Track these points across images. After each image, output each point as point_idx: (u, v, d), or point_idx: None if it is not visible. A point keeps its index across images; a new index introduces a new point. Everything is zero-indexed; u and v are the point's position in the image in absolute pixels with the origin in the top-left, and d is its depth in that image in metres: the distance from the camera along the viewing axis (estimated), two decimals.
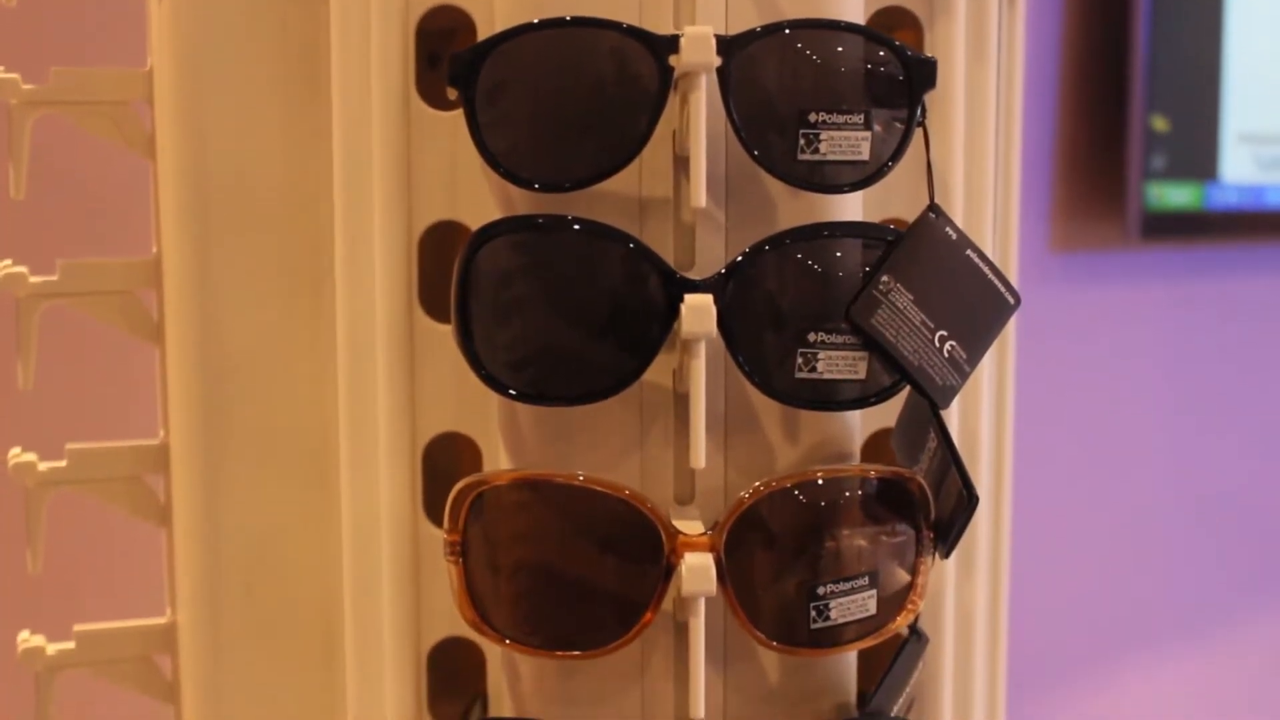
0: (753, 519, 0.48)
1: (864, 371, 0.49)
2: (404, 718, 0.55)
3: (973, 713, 0.58)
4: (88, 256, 0.60)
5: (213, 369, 0.57)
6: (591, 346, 0.48)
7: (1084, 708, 1.54)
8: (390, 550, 0.55)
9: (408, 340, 0.54)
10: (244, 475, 0.57)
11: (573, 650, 0.49)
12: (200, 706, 0.59)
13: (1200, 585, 1.57)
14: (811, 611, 0.49)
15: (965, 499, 0.48)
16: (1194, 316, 1.52)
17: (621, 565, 0.49)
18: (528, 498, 0.49)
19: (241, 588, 0.58)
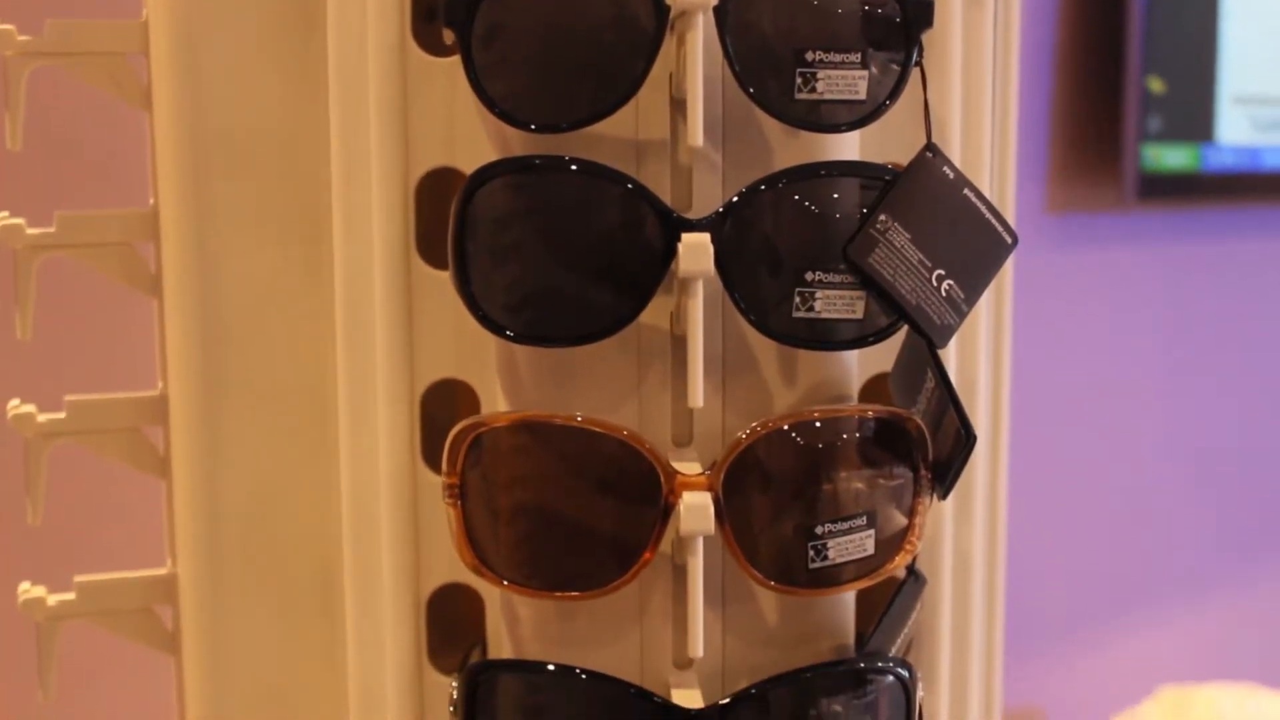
0: (750, 459, 0.48)
1: (861, 311, 0.49)
2: (404, 665, 0.56)
3: (970, 655, 0.58)
4: (85, 208, 0.60)
5: (211, 319, 0.57)
6: (589, 287, 0.48)
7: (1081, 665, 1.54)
8: (389, 497, 0.55)
9: (405, 287, 0.54)
10: (243, 424, 0.57)
11: (571, 591, 0.49)
12: (201, 656, 0.59)
13: (1198, 544, 1.57)
14: (809, 551, 0.49)
15: (963, 438, 0.48)
16: (1190, 278, 1.53)
17: (620, 506, 0.49)
18: (526, 439, 0.49)
19: (241, 537, 0.58)
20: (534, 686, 0.50)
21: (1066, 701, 1.48)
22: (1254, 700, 1.24)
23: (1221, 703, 1.23)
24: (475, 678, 0.50)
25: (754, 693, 0.50)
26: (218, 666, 0.59)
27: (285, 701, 0.58)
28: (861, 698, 0.51)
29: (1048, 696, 1.50)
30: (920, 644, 0.57)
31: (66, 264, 0.60)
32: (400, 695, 0.56)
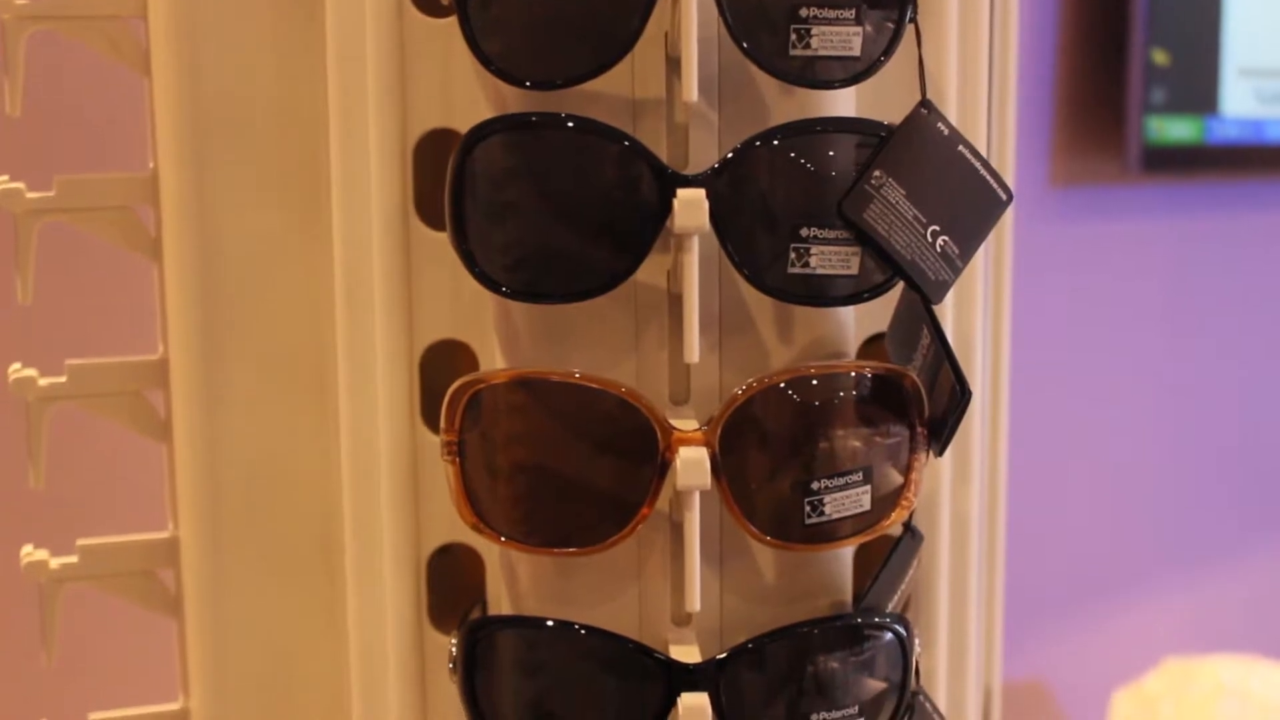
0: (747, 415, 0.49)
1: (856, 267, 0.49)
2: (404, 625, 0.56)
3: (968, 615, 0.59)
4: (85, 172, 0.60)
5: (210, 282, 0.57)
6: (585, 243, 0.48)
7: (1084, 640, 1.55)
8: (388, 458, 0.55)
9: (404, 248, 0.54)
10: (243, 387, 0.58)
11: (569, 548, 0.50)
12: (202, 618, 0.59)
13: (1200, 517, 1.57)
14: (806, 507, 0.49)
15: (958, 394, 0.48)
16: (1194, 251, 1.52)
17: (618, 462, 0.49)
18: (524, 396, 0.49)
19: (242, 499, 0.58)
20: (533, 642, 0.51)
21: (1070, 676, 1.48)
22: (1257, 672, 1.24)
23: (1224, 675, 1.23)
24: (474, 634, 0.50)
25: (751, 647, 0.50)
26: (219, 628, 0.59)
27: (286, 663, 0.59)
28: (858, 653, 0.51)
29: (1051, 671, 1.50)
30: (918, 603, 0.57)
31: (66, 228, 0.60)
32: (401, 655, 0.56)
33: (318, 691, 0.59)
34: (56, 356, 0.61)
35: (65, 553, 0.61)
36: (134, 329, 0.64)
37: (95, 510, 0.91)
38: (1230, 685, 1.22)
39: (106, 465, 0.91)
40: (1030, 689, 1.46)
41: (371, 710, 0.57)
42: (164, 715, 0.62)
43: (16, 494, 0.66)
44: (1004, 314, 0.60)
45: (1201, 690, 1.22)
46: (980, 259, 0.57)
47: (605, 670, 0.50)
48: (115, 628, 0.86)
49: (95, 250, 0.63)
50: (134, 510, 0.66)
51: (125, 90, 0.64)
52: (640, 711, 0.50)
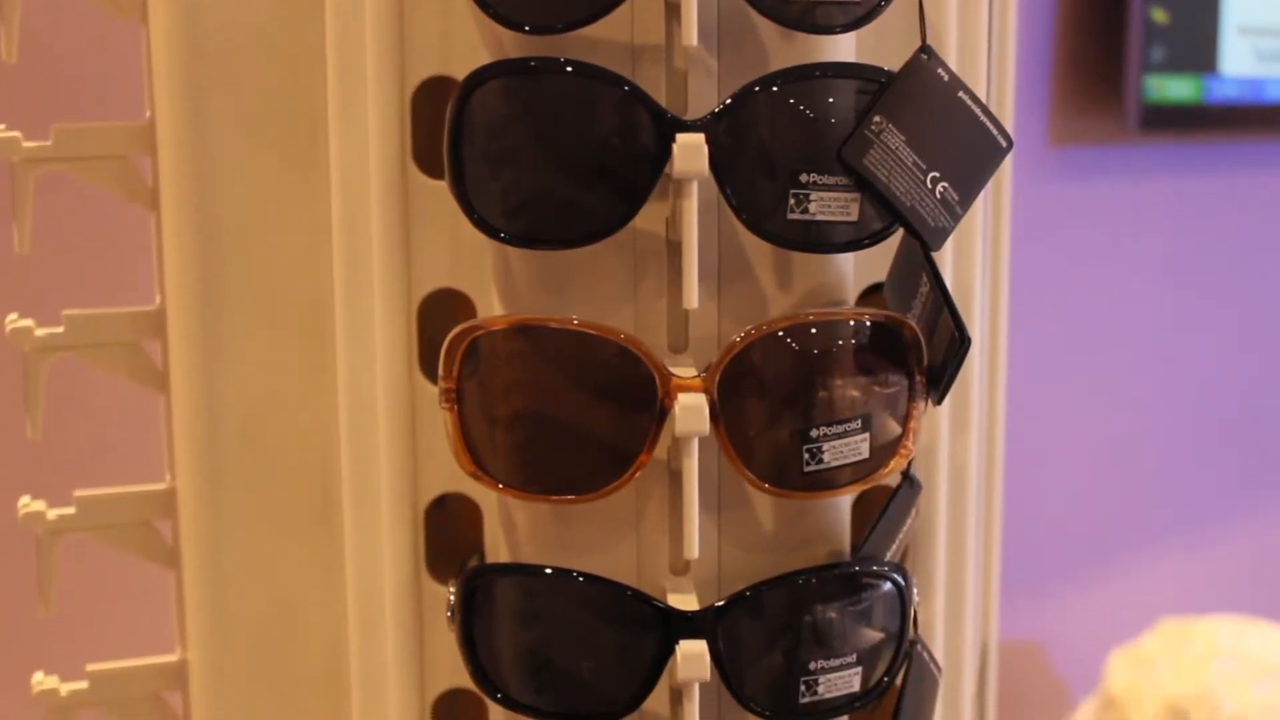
0: (745, 361, 0.49)
1: (856, 213, 0.49)
2: (402, 575, 0.56)
3: (966, 566, 0.59)
4: (82, 121, 0.60)
5: (208, 231, 0.57)
6: (584, 189, 0.48)
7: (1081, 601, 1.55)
8: (386, 408, 0.55)
9: (402, 197, 0.54)
10: (241, 337, 0.57)
11: (568, 494, 0.49)
12: (200, 569, 0.59)
13: (1198, 479, 1.57)
14: (805, 454, 0.49)
15: (957, 342, 0.48)
16: (1192, 210, 1.52)
17: (616, 408, 0.49)
18: (522, 342, 0.49)
19: (240, 449, 0.58)
20: (531, 590, 0.51)
21: (1066, 637, 1.48)
22: (1252, 632, 1.25)
23: (1220, 635, 1.23)
24: (473, 582, 0.50)
25: (748, 595, 0.50)
26: (217, 579, 0.59)
27: (285, 612, 0.59)
28: (856, 602, 0.51)
29: (1047, 632, 1.50)
30: (916, 553, 0.57)
31: (63, 178, 0.60)
32: (398, 604, 0.56)
33: (315, 641, 0.59)
34: (53, 307, 0.61)
35: (63, 504, 0.61)
36: (132, 279, 0.64)
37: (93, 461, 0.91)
38: (1226, 646, 1.23)
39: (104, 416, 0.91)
40: (1027, 650, 1.46)
41: (369, 660, 0.57)
42: (162, 667, 0.62)
43: (14, 445, 0.66)
44: (1002, 271, 0.60)
45: (1197, 650, 1.22)
46: (979, 210, 0.57)
47: (603, 618, 0.50)
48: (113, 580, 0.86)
49: (92, 200, 0.63)
50: (132, 461, 0.66)
51: (122, 38, 0.63)
52: (638, 659, 0.50)
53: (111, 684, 0.62)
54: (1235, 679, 1.20)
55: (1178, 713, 1.18)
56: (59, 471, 0.67)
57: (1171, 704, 1.19)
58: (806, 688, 0.50)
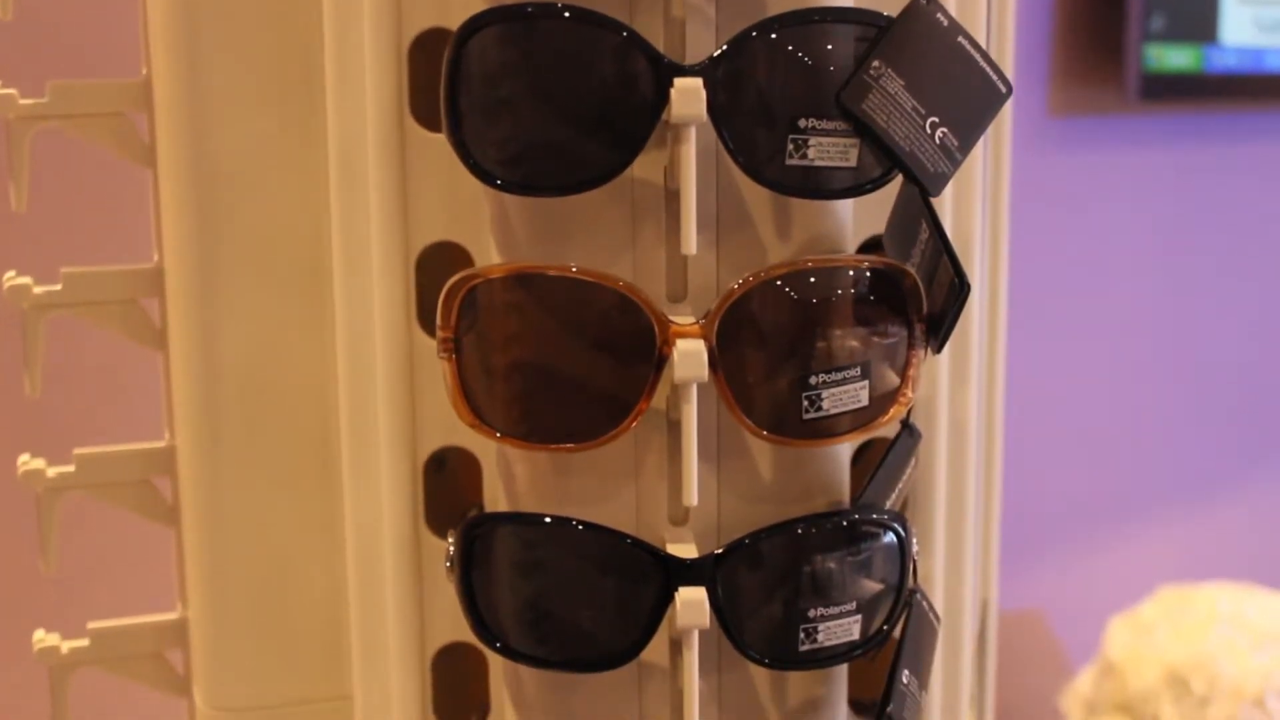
0: (744, 308, 0.48)
1: (855, 159, 0.48)
2: (401, 528, 0.56)
3: (966, 517, 0.59)
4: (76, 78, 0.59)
5: (205, 187, 0.57)
6: (581, 135, 0.48)
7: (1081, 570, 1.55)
8: (384, 360, 0.55)
9: (399, 149, 0.54)
10: (239, 292, 0.57)
11: (566, 443, 0.49)
12: (200, 526, 0.59)
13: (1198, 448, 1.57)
14: (804, 401, 0.49)
15: (956, 288, 0.48)
16: (1192, 180, 1.52)
17: (615, 356, 0.49)
18: (521, 291, 0.49)
19: (239, 405, 0.58)
20: (530, 539, 0.51)
21: (1066, 605, 1.49)
22: (1253, 600, 1.25)
23: (1220, 602, 1.24)
24: (472, 531, 0.50)
25: (747, 543, 0.50)
26: (217, 536, 0.59)
27: (284, 568, 0.59)
28: (856, 550, 0.51)
29: (1047, 600, 1.50)
30: (916, 504, 0.57)
31: (60, 136, 0.60)
32: (398, 558, 0.56)
33: (315, 597, 0.59)
34: (51, 265, 0.61)
35: (63, 462, 0.61)
36: (129, 237, 0.64)
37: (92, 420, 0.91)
38: (1226, 613, 1.23)
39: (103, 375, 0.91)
40: (1027, 618, 1.46)
41: (369, 614, 0.57)
42: (163, 625, 0.62)
43: (13, 404, 0.66)
44: (1003, 213, 0.60)
45: (1197, 617, 1.22)
46: (978, 163, 0.56)
47: (603, 566, 0.50)
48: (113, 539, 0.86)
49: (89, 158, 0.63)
50: (131, 420, 0.66)
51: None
52: (638, 607, 0.50)
53: (112, 641, 0.62)
54: (1234, 646, 1.20)
55: (1177, 679, 1.18)
56: (58, 430, 0.68)
57: (1171, 670, 1.19)
58: (806, 635, 0.50)
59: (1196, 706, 1.17)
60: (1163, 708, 1.18)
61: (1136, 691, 1.20)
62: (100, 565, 0.89)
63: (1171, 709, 1.18)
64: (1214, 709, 1.17)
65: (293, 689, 0.60)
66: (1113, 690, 1.22)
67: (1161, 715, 1.18)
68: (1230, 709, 1.17)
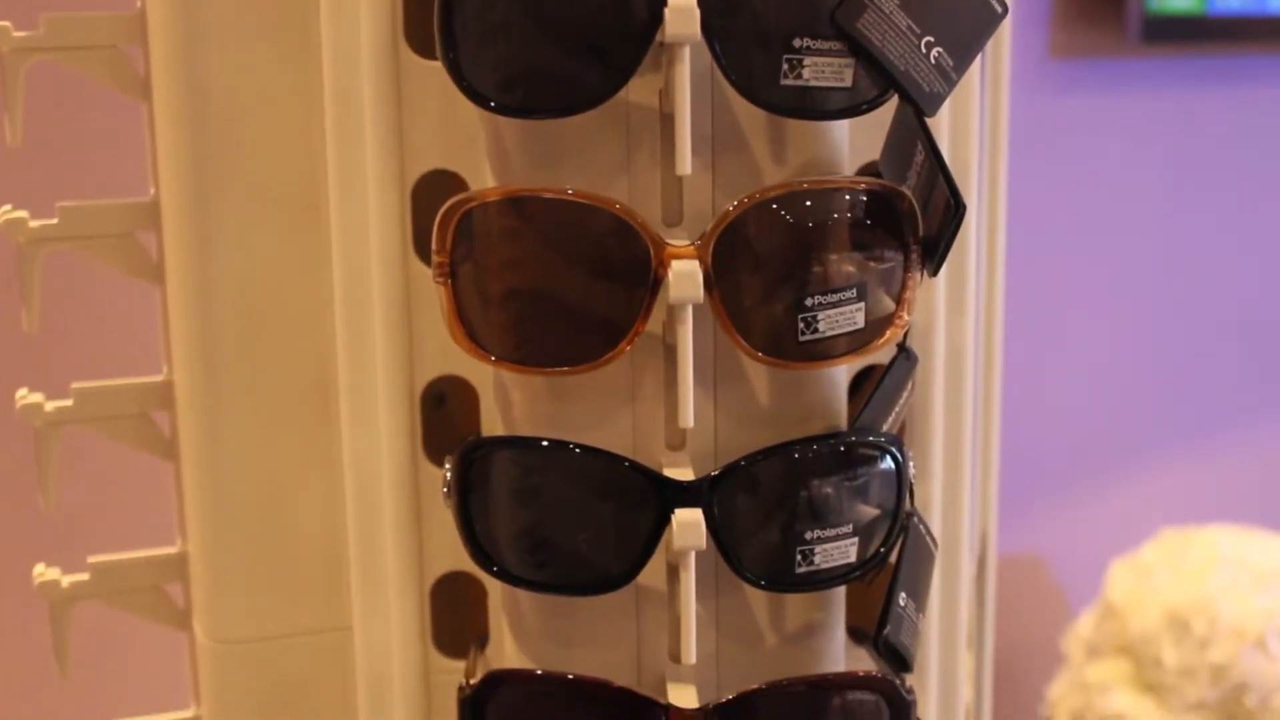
0: (739, 229, 0.48)
1: (850, 79, 0.48)
2: (399, 457, 0.56)
3: (963, 445, 0.59)
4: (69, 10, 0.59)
5: (200, 119, 0.57)
6: (575, 57, 0.48)
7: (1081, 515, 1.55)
8: (381, 289, 0.55)
9: (394, 77, 0.54)
10: (235, 225, 0.57)
11: (562, 366, 0.49)
12: (198, 459, 0.59)
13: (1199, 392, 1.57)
14: (800, 323, 0.49)
15: (952, 208, 0.48)
16: (1193, 124, 1.51)
17: (610, 279, 0.49)
18: (516, 214, 0.49)
19: (236, 339, 0.58)
20: (527, 463, 0.51)
21: (1067, 550, 1.49)
22: (1253, 541, 1.25)
23: (1221, 544, 1.24)
24: (469, 456, 0.50)
25: (744, 465, 0.50)
26: (215, 469, 0.59)
27: (283, 500, 0.59)
28: (853, 473, 0.51)
29: (1048, 545, 1.51)
30: (913, 431, 0.57)
31: (56, 69, 0.60)
32: (396, 488, 0.56)
33: (314, 528, 0.59)
34: (47, 198, 0.61)
35: (60, 397, 0.61)
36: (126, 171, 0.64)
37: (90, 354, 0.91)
38: (1227, 555, 1.23)
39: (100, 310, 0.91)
40: (1028, 564, 1.46)
41: (367, 544, 0.57)
42: (163, 559, 0.63)
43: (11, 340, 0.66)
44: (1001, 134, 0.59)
45: (1197, 559, 1.23)
46: (975, 89, 0.56)
47: (600, 489, 0.50)
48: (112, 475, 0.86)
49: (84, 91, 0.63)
50: (128, 354, 0.66)
51: None
52: (634, 530, 0.50)
53: (113, 575, 0.62)
54: (1235, 587, 1.20)
55: (1178, 621, 1.19)
56: (56, 365, 0.68)
57: (1171, 612, 1.19)
58: (803, 558, 0.50)
59: (1197, 648, 1.18)
60: (1164, 649, 1.19)
61: (1137, 633, 1.20)
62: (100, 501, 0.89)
63: (1172, 650, 1.19)
64: (1215, 650, 1.18)
65: (293, 620, 0.60)
66: (1114, 632, 1.22)
67: (1162, 657, 1.19)
68: (1231, 650, 1.17)
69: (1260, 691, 1.17)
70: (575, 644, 0.53)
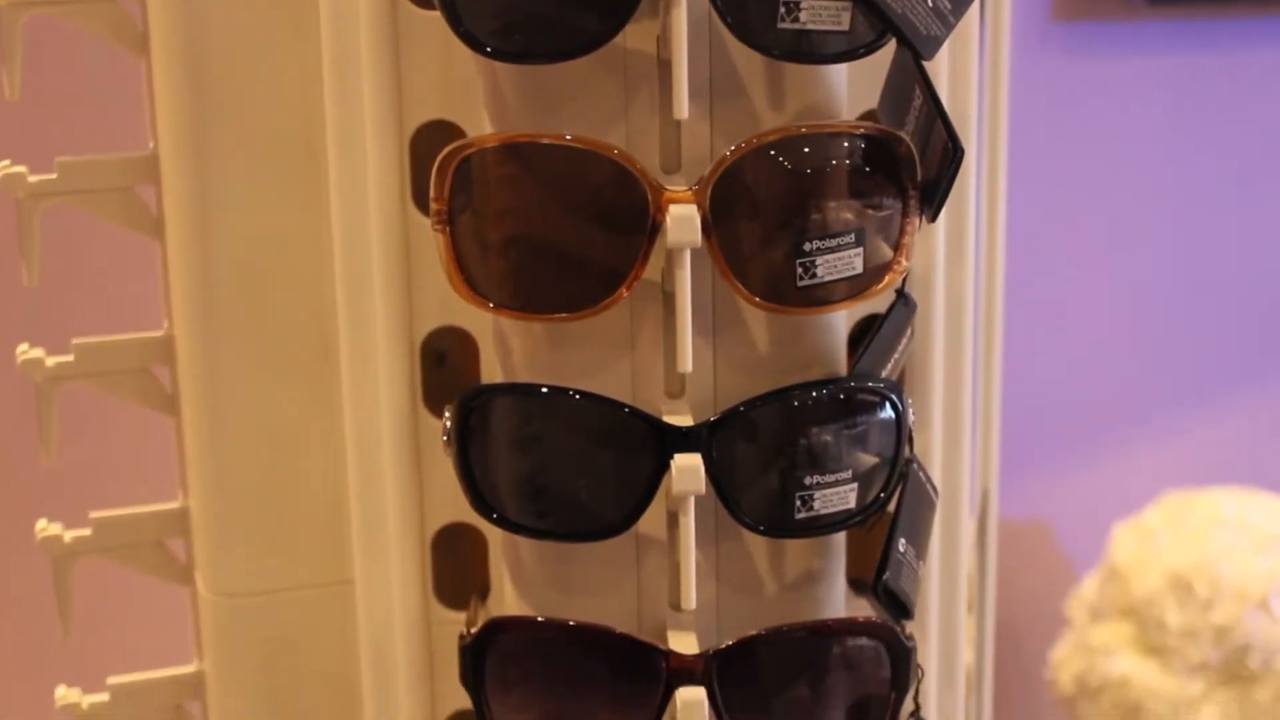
0: (737, 174, 0.48)
1: (847, 23, 0.48)
2: (399, 408, 0.56)
3: (963, 392, 0.59)
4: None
5: (198, 73, 0.56)
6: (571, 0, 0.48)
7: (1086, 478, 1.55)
8: (380, 239, 0.55)
9: (392, 26, 0.54)
10: (234, 178, 0.57)
11: (561, 313, 0.49)
12: (199, 413, 0.59)
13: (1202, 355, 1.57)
14: (798, 268, 0.49)
15: (950, 152, 0.48)
16: (1199, 88, 1.51)
17: (609, 225, 0.49)
18: (514, 160, 0.49)
19: (236, 289, 0.58)
20: (526, 410, 0.51)
21: (1072, 514, 1.49)
22: (1256, 503, 1.25)
23: (1223, 506, 1.24)
24: (468, 403, 0.50)
25: (743, 410, 0.50)
26: (216, 422, 0.59)
27: (284, 453, 0.59)
28: (852, 418, 0.51)
29: (1053, 509, 1.51)
30: (913, 380, 0.57)
31: (53, 24, 0.60)
32: (397, 439, 0.56)
33: (315, 481, 0.59)
34: (47, 154, 0.61)
35: (61, 352, 0.61)
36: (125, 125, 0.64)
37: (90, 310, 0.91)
38: (1229, 517, 1.23)
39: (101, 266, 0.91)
40: (1032, 528, 1.47)
41: (368, 496, 0.57)
42: (164, 513, 0.63)
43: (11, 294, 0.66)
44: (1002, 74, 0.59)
45: (1200, 521, 1.23)
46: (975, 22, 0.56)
47: (599, 435, 0.50)
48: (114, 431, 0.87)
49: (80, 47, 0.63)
50: (129, 309, 0.66)
51: None
52: (634, 476, 0.50)
53: (115, 530, 0.62)
54: (1238, 549, 1.20)
55: (1180, 582, 1.19)
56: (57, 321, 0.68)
57: (1174, 574, 1.19)
58: (802, 503, 0.50)
59: (1200, 610, 1.18)
60: (1166, 611, 1.19)
61: (1140, 595, 1.20)
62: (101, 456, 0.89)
63: (1175, 613, 1.19)
64: (1217, 612, 1.18)
65: (295, 573, 0.60)
66: (1117, 595, 1.22)
67: (1165, 619, 1.19)
68: (1234, 611, 1.17)
69: (1263, 652, 1.17)
70: (576, 592, 0.53)
